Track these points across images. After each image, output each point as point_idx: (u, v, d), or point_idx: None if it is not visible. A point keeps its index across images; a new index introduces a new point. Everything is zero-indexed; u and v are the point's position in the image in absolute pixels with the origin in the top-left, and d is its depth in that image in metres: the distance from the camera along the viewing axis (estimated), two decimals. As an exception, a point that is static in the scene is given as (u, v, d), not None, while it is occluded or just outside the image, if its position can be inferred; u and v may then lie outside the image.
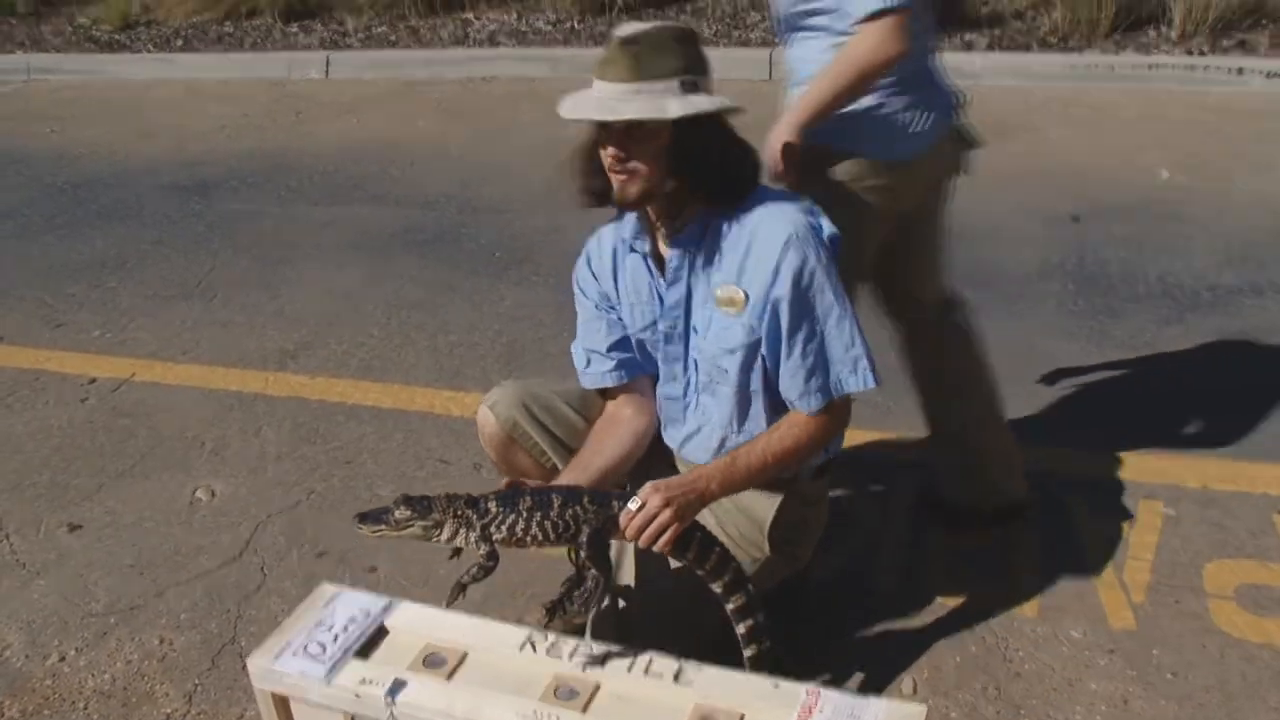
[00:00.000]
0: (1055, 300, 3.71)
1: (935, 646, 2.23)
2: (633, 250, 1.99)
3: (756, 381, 1.93)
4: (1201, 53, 6.19)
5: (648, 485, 1.75)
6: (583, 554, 1.75)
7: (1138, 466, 2.78)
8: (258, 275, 4.30)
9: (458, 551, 1.79)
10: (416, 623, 1.78)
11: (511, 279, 4.15)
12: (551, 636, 1.73)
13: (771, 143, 2.10)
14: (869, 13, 2.06)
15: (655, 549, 1.75)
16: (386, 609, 1.80)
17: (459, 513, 1.73)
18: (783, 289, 1.83)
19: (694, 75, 1.80)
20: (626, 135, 1.79)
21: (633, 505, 1.73)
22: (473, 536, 1.73)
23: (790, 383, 1.89)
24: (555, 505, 1.73)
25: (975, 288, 3.80)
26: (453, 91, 6.87)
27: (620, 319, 2.06)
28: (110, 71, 8.28)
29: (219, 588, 2.55)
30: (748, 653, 1.86)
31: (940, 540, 2.56)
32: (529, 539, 1.74)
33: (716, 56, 1.96)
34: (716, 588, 1.83)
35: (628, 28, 1.84)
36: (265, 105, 6.95)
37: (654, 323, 2.01)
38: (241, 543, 2.71)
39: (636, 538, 1.74)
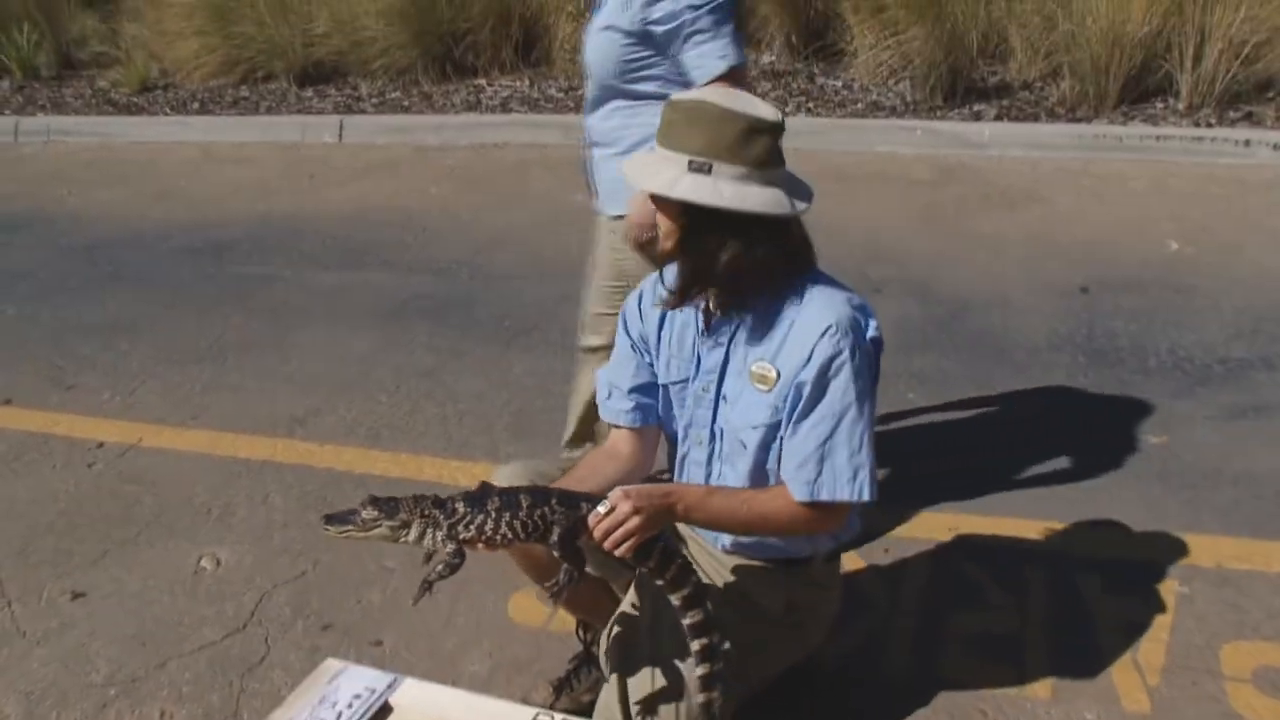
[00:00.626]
0: (1065, 372, 3.69)
1: (947, 729, 2.19)
2: None
3: (773, 461, 1.91)
4: (1209, 124, 6.23)
5: (618, 490, 1.75)
6: (555, 553, 1.75)
7: (1151, 545, 2.75)
8: (269, 339, 4.32)
9: (424, 594, 1.77)
10: (421, 700, 1.76)
11: (521, 347, 4.15)
12: (559, 716, 1.71)
13: (642, 210, 2.22)
14: (721, 73, 2.31)
15: (617, 554, 1.74)
16: (391, 685, 1.79)
17: (426, 513, 1.73)
18: (809, 374, 1.81)
19: (716, 159, 1.74)
20: (655, 194, 1.81)
21: (601, 508, 1.73)
22: (439, 536, 1.73)
23: (786, 462, 1.88)
24: (524, 506, 1.73)
25: (983, 358, 3.83)
26: (465, 157, 6.94)
27: (651, 365, 2.05)
28: (128, 134, 8.37)
29: (222, 660, 2.53)
30: (699, 671, 1.82)
31: (952, 620, 2.53)
32: (498, 538, 1.74)
33: None
34: (675, 600, 1.81)
35: (696, 92, 1.83)
36: (279, 168, 7.01)
37: (687, 380, 2.00)
38: (246, 613, 2.68)
39: (603, 540, 1.73)
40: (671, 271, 1.94)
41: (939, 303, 4.29)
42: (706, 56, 2.34)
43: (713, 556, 2.08)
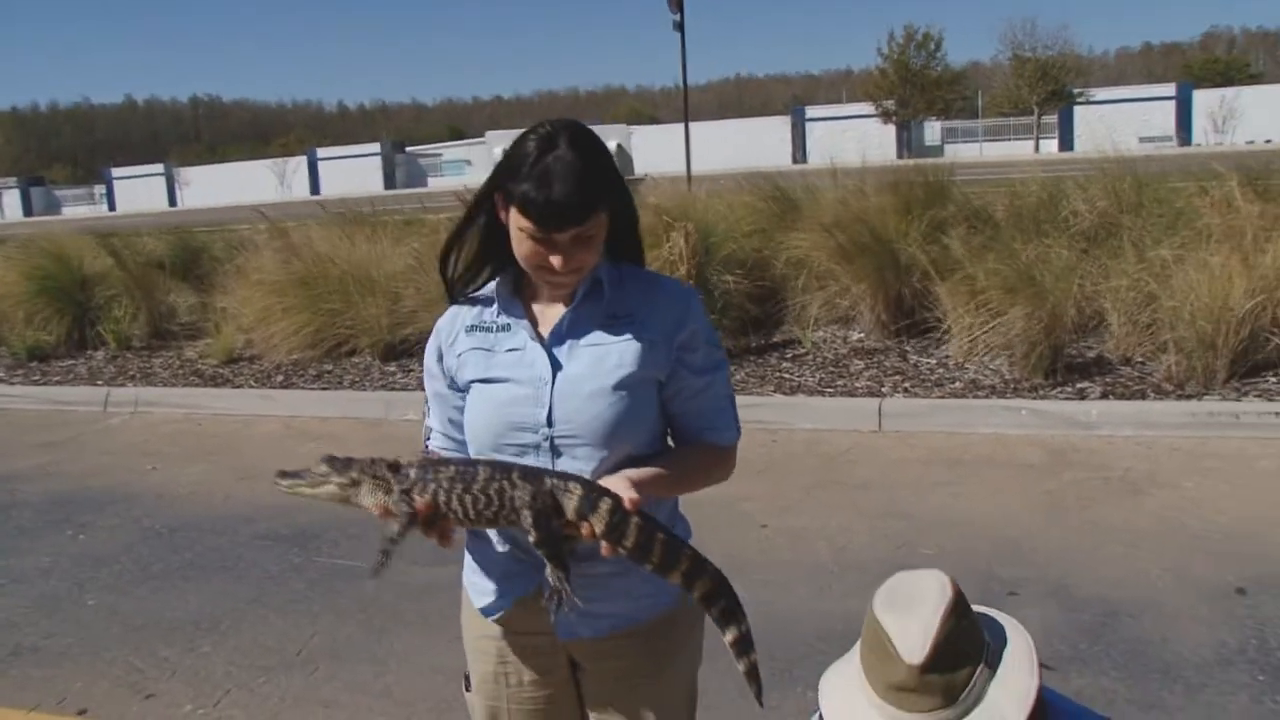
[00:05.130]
0: (1247, 695, 3.30)
1: None
2: None
3: None
4: (1328, 401, 5.97)
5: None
6: (530, 539, 1.70)
7: None
8: (361, 645, 4.04)
9: (383, 564, 1.72)
10: None
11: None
12: None
13: None
14: None
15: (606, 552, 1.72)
16: None
17: (378, 475, 1.71)
18: None
19: (991, 646, 1.51)
20: None
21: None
22: (390, 500, 1.70)
23: None
24: (480, 478, 1.70)
25: (1148, 676, 3.44)
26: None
27: None
28: (212, 405, 8.44)
29: None
30: (728, 638, 1.80)
31: None
32: (450, 512, 1.71)
33: (821, 405, 1.80)
34: (676, 581, 1.78)
35: (912, 640, 1.45)
36: (364, 447, 6.90)
37: None
38: None
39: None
40: None
41: (1082, 607, 3.95)
42: None
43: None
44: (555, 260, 1.78)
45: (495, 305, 1.94)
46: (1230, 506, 4.86)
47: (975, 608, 1.55)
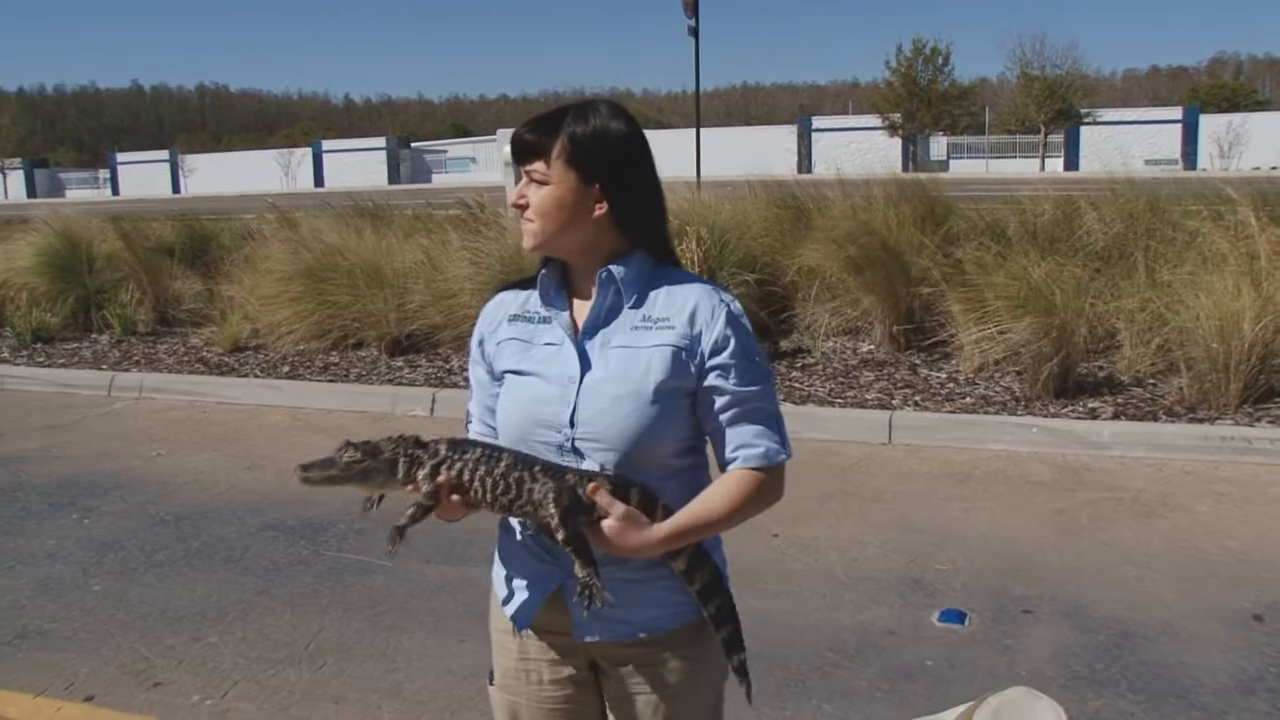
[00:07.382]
0: (1268, 725, 3.29)
1: None
2: None
3: None
4: (1341, 429, 5.95)
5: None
6: (557, 534, 1.69)
7: None
8: (371, 642, 4.00)
9: (378, 500, 1.78)
10: None
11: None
12: None
13: None
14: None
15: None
16: None
17: (409, 452, 1.71)
18: None
19: None
20: None
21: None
22: (421, 475, 1.70)
23: None
24: (501, 464, 1.71)
25: (1166, 701, 3.42)
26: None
27: None
28: (218, 393, 8.41)
29: None
30: (732, 664, 1.86)
31: None
32: (472, 491, 1.71)
33: (831, 416, 1.78)
34: (680, 567, 1.80)
35: None
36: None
37: None
38: None
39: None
40: None
41: (1097, 628, 3.92)
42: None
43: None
44: (511, 191, 1.84)
45: (539, 296, 1.92)
46: (1244, 532, 4.84)
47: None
